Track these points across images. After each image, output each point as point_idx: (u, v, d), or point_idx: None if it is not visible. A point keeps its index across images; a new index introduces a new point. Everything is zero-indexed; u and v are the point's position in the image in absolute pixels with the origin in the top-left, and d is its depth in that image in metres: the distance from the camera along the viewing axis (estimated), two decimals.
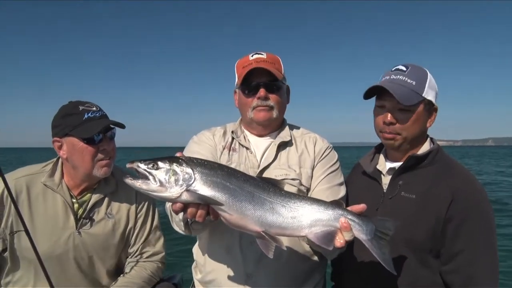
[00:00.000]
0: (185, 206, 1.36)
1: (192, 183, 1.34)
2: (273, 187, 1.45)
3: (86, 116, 1.91)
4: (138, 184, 1.35)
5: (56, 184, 1.98)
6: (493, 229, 1.71)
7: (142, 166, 1.35)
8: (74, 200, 2.01)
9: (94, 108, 1.97)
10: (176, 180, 1.33)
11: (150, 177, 1.34)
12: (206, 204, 1.36)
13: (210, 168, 1.38)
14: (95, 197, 2.03)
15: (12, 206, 1.85)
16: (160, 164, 1.35)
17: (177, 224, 1.78)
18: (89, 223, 2.00)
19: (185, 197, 1.33)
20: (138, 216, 2.14)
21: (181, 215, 1.64)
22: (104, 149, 1.95)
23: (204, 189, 1.35)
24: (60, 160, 2.05)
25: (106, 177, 2.04)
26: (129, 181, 1.36)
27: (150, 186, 1.34)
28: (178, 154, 1.44)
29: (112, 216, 2.06)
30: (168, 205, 1.81)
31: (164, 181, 1.33)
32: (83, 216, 2.00)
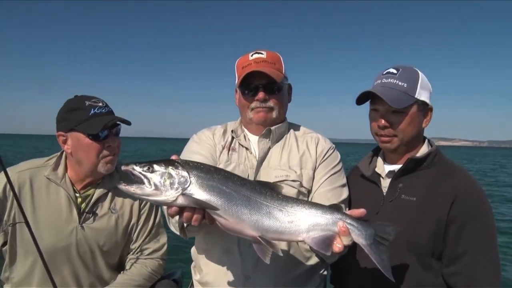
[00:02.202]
0: (181, 210, 1.34)
1: (188, 186, 1.31)
2: (270, 190, 1.43)
3: (92, 111, 1.90)
4: (133, 189, 1.32)
5: (59, 178, 1.97)
6: (494, 229, 1.71)
7: (137, 169, 1.33)
8: (77, 195, 2.00)
9: (101, 104, 1.95)
10: (172, 184, 1.30)
11: (145, 180, 1.31)
12: (202, 208, 1.34)
13: (206, 172, 1.36)
14: (98, 192, 2.02)
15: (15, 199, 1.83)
16: (155, 167, 1.32)
17: (173, 225, 1.78)
18: (92, 217, 2.00)
19: (181, 201, 1.31)
20: (141, 212, 2.13)
21: (177, 218, 1.62)
22: (110, 145, 1.94)
23: (199, 193, 1.32)
24: (64, 154, 2.04)
25: (110, 172, 2.03)
26: (123, 187, 1.33)
27: (144, 190, 1.31)
28: (173, 157, 1.43)
29: (116, 211, 2.06)
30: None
31: (159, 185, 1.30)
32: (86, 210, 1.99)
